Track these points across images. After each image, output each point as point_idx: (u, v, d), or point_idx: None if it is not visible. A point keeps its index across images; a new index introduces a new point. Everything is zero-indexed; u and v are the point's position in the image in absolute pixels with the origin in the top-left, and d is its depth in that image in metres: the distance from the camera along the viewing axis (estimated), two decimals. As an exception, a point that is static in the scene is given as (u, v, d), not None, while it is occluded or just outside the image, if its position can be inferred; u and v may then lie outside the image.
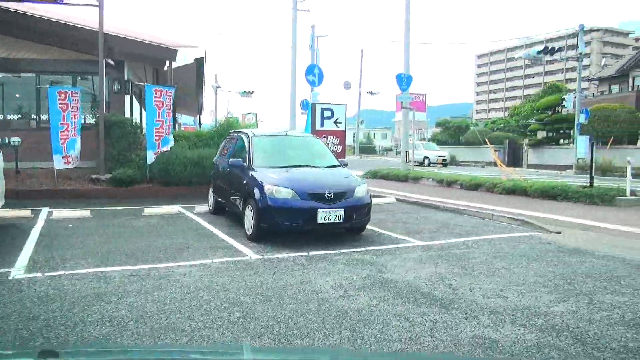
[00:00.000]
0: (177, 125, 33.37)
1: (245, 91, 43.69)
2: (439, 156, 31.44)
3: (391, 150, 68.72)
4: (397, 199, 11.55)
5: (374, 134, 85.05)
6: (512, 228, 8.10)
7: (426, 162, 31.27)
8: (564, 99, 29.50)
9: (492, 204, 10.45)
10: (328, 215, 6.39)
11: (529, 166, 31.35)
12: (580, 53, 24.62)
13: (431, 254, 6.08)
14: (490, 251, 6.29)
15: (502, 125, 50.62)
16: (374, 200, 11.23)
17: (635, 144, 28.74)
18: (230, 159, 7.78)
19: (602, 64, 53.96)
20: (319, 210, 6.35)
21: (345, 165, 8.09)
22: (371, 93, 45.94)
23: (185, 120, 42.81)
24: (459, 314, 3.93)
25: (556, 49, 22.96)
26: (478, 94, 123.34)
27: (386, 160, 37.79)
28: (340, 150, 12.64)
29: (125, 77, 13.56)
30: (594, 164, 12.34)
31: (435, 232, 7.64)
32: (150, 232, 7.31)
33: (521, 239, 7.15)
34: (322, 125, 12.45)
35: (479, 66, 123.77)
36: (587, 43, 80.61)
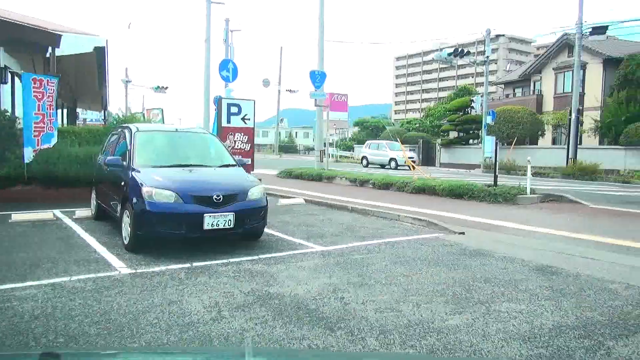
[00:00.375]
0: (78, 121, 30.87)
1: (158, 86, 41.45)
2: (408, 157, 25.17)
3: (313, 149, 68.95)
4: (306, 200, 11.06)
5: (296, 132, 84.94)
6: (417, 229, 7.87)
7: (392, 164, 27.08)
8: (472, 101, 30.80)
9: (401, 204, 10.27)
10: (216, 220, 5.70)
11: (442, 165, 32.47)
12: (487, 57, 25.74)
13: (329, 261, 5.59)
14: (391, 256, 5.92)
15: (417, 125, 52.35)
16: (282, 202, 10.76)
17: (536, 144, 30.68)
18: (108, 158, 6.85)
19: (507, 68, 57.57)
20: (205, 215, 5.63)
21: (243, 164, 7.42)
22: (291, 91, 45.49)
23: (92, 116, 39.73)
24: (345, 336, 3.43)
25: (465, 51, 23.77)
26: (397, 95, 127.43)
27: (305, 160, 37.49)
28: (248, 148, 11.95)
29: (2, 65, 11.90)
30: (498, 163, 12.66)
31: (338, 235, 7.19)
32: (8, 244, 6.19)
33: (424, 241, 6.89)
34: (229, 121, 11.68)
35: (397, 68, 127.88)
36: (495, 50, 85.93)
